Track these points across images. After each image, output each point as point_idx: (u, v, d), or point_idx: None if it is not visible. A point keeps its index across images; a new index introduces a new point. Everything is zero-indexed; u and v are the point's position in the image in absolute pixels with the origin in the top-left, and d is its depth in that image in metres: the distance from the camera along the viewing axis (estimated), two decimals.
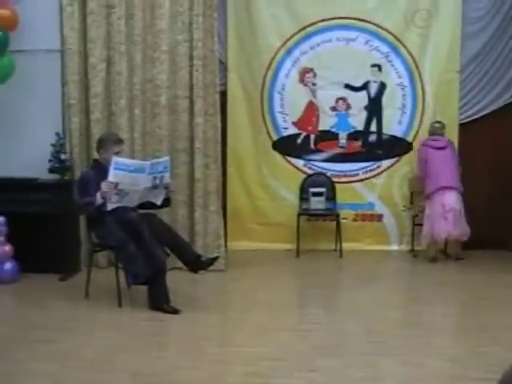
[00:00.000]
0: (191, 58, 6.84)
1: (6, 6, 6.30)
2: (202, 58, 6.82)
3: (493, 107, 7.84)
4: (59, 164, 6.70)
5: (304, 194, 7.82)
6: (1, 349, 4.77)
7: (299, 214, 7.66)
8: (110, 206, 5.51)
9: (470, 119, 7.87)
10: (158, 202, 5.82)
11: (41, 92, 6.89)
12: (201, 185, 6.94)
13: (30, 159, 6.78)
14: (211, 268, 5.93)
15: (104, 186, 5.43)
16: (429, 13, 7.70)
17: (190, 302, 5.80)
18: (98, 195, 5.47)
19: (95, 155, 6.16)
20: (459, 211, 7.28)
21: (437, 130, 7.49)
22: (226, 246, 7.29)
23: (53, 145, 6.72)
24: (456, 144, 7.71)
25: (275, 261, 7.41)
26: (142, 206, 5.79)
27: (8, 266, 6.44)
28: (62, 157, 6.71)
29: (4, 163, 6.70)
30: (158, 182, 5.65)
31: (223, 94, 7.57)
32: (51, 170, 6.72)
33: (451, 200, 7.26)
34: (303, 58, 7.80)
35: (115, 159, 5.48)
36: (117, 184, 5.44)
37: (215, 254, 6.45)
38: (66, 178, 6.74)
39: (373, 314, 5.67)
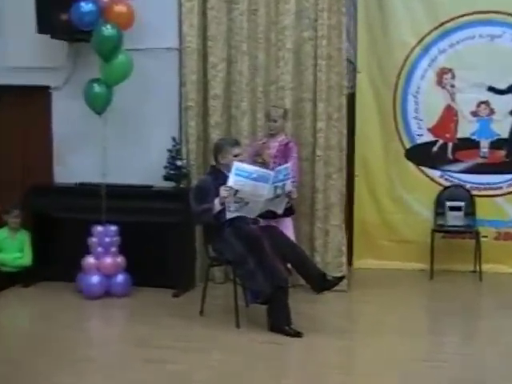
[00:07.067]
0: (316, 58, 6.71)
1: (122, 2, 6.29)
2: (325, 57, 6.65)
3: None
4: (175, 171, 6.66)
5: (440, 209, 7.46)
6: (111, 366, 4.81)
7: (434, 231, 7.33)
8: (228, 215, 5.49)
9: None
10: (280, 211, 5.77)
11: (157, 93, 6.92)
12: (322, 196, 6.74)
13: (144, 165, 6.83)
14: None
15: (223, 190, 5.39)
16: None
17: (310, 324, 5.61)
18: (217, 201, 5.45)
19: (212, 161, 6.09)
20: None
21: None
22: (350, 265, 7.13)
23: (169, 150, 6.70)
24: None
25: (406, 282, 7.10)
26: (261, 214, 5.72)
27: (120, 278, 6.44)
28: (178, 163, 6.67)
29: (118, 169, 6.63)
30: (279, 191, 5.58)
31: (352, 97, 7.37)
32: (166, 178, 6.68)
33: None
34: (441, 57, 7.43)
35: (236, 164, 5.44)
36: (236, 191, 5.39)
37: (340, 274, 6.27)
38: (181, 185, 6.70)
39: None
